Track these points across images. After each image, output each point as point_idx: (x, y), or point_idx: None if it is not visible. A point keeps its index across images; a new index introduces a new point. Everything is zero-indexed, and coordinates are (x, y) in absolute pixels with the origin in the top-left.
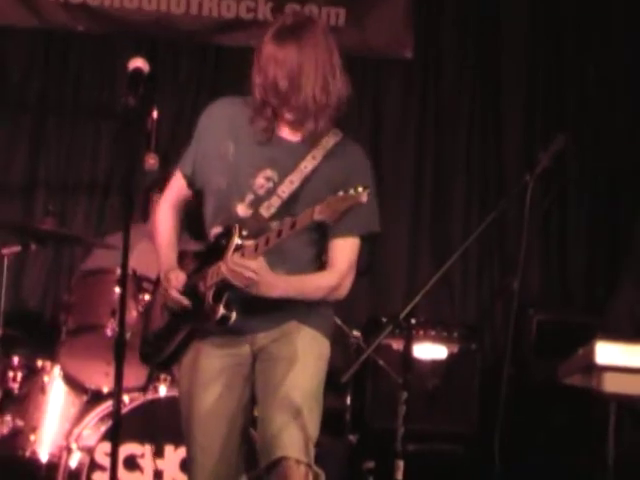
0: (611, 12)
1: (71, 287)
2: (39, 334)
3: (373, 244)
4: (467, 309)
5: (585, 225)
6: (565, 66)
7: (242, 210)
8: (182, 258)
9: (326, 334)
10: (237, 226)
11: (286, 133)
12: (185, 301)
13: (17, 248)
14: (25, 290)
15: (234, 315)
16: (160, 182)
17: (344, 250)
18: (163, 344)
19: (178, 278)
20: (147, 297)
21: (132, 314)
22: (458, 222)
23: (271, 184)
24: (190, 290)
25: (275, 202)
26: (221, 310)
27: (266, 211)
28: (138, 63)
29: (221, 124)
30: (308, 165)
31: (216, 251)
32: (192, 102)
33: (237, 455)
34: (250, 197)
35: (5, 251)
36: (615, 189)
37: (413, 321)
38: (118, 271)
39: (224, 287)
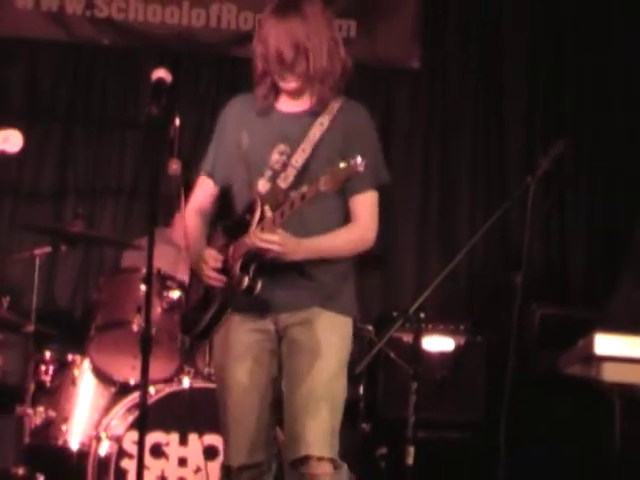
0: (611, 15)
1: (99, 286)
2: (69, 330)
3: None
4: (473, 304)
5: (585, 224)
6: (565, 71)
7: (262, 186)
8: (210, 234)
9: (348, 313)
10: (259, 200)
11: (289, 106)
12: (223, 277)
13: (48, 249)
14: (56, 289)
15: (259, 285)
16: (182, 187)
17: (364, 204)
18: (199, 317)
19: (215, 257)
20: (171, 294)
21: (157, 310)
22: (464, 222)
23: (285, 157)
24: (222, 268)
25: (290, 172)
26: (246, 280)
27: (283, 182)
28: (161, 74)
29: (234, 119)
30: (317, 132)
31: (242, 226)
32: (211, 110)
33: (268, 427)
34: (269, 173)
35: (37, 252)
36: (614, 189)
37: (422, 315)
38: (143, 270)
39: (250, 259)
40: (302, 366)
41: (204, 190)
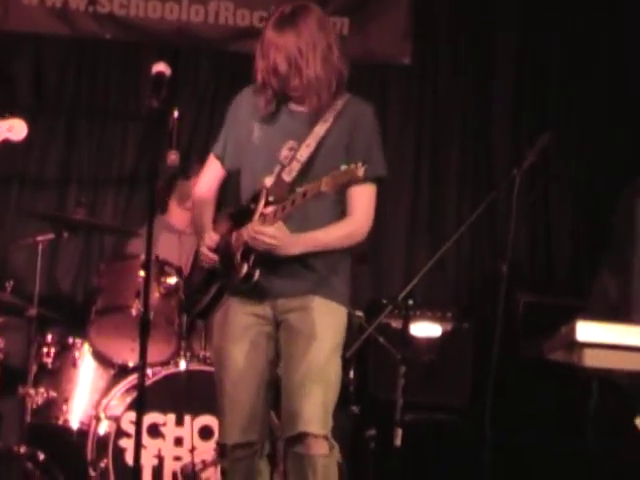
0: (597, 14)
1: (100, 271)
2: (71, 314)
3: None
4: (460, 291)
5: (568, 214)
6: (552, 67)
7: (269, 180)
8: (216, 219)
9: (342, 302)
10: (264, 191)
11: (296, 105)
12: (215, 257)
13: (51, 236)
14: (58, 274)
15: (257, 273)
16: (176, 176)
17: (361, 196)
18: (200, 297)
19: (212, 237)
20: (169, 280)
21: (155, 295)
22: (452, 213)
23: (293, 152)
24: (223, 249)
25: (295, 166)
26: (245, 268)
27: (287, 176)
28: (160, 68)
29: (245, 109)
30: (321, 128)
31: (246, 214)
32: (210, 104)
33: (263, 407)
34: (277, 168)
35: (40, 238)
36: (596, 181)
37: (410, 302)
38: (142, 256)
39: (250, 248)
40: (298, 349)
41: (213, 171)
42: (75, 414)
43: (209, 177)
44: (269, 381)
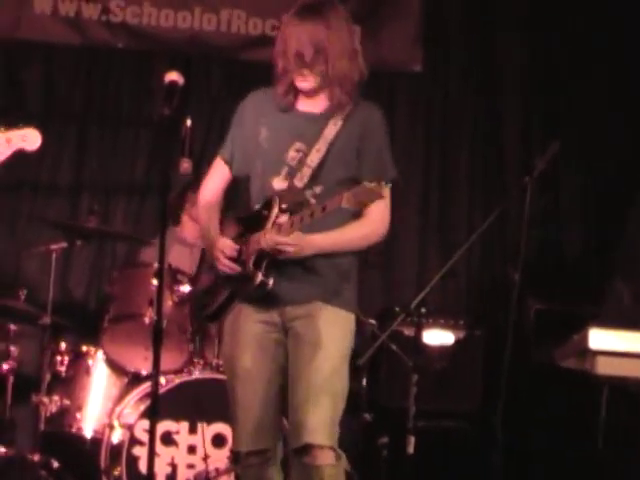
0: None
1: (112, 279)
2: (84, 322)
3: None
4: (471, 299)
5: (579, 221)
6: (561, 74)
7: (277, 183)
8: (221, 223)
9: (350, 309)
10: (277, 198)
11: (306, 105)
12: (237, 267)
13: (64, 244)
14: (71, 282)
15: (271, 281)
16: (192, 185)
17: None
18: (210, 300)
19: (231, 246)
20: (182, 288)
21: (168, 304)
22: (463, 221)
23: (301, 154)
24: (235, 258)
25: (306, 172)
26: (260, 276)
27: (299, 182)
28: (173, 77)
29: (252, 112)
30: (331, 132)
31: (258, 220)
32: (222, 112)
33: (275, 414)
34: (285, 170)
35: (53, 247)
36: (606, 187)
37: (423, 310)
38: (155, 264)
39: (263, 255)
40: (304, 358)
41: (219, 175)
42: (89, 422)
43: (215, 181)
44: (280, 387)
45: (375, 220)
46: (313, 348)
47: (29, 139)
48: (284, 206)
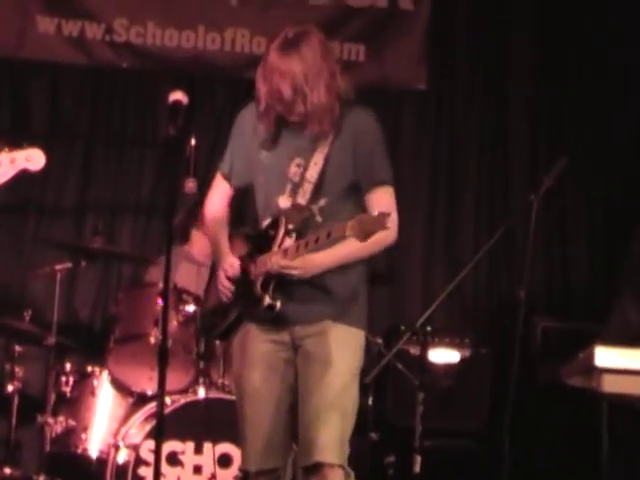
0: (609, 46)
1: (118, 300)
2: (89, 342)
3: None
4: (478, 317)
5: (585, 239)
6: (568, 92)
7: (283, 201)
8: (231, 238)
9: (360, 325)
10: (283, 219)
11: (299, 127)
12: (231, 287)
13: (69, 264)
14: (76, 302)
15: (279, 304)
16: (197, 205)
17: (381, 200)
18: (219, 319)
19: (233, 266)
20: (187, 308)
21: (173, 324)
22: (469, 238)
23: (302, 169)
24: (242, 275)
25: (307, 188)
26: (267, 300)
27: (302, 199)
28: (177, 96)
29: (250, 126)
30: (325, 144)
31: (266, 239)
32: (227, 131)
33: (285, 433)
34: (288, 187)
35: (58, 267)
36: (612, 205)
37: (429, 329)
38: (160, 284)
39: (270, 277)
40: (314, 376)
41: (221, 191)
42: (94, 443)
43: (218, 196)
44: (289, 406)
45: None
46: (323, 366)
47: (33, 159)
48: (291, 226)
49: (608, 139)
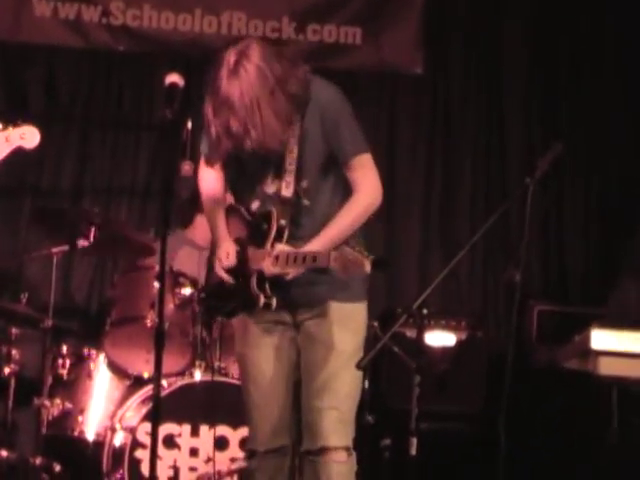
0: (604, 42)
1: (114, 283)
2: (86, 325)
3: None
4: (474, 300)
5: (581, 223)
6: (562, 75)
7: (268, 187)
8: (230, 212)
9: (361, 299)
10: (275, 214)
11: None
12: (230, 279)
13: (65, 247)
14: (73, 285)
15: (275, 301)
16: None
17: (360, 168)
18: (222, 301)
19: (229, 256)
20: (183, 291)
21: (169, 306)
22: (465, 221)
23: (279, 158)
24: (238, 265)
25: (289, 178)
26: (262, 300)
27: (286, 190)
28: (174, 79)
29: None
30: (295, 128)
31: (259, 232)
32: None
33: (291, 410)
34: (271, 172)
35: (54, 250)
36: (609, 188)
37: (425, 311)
38: (157, 267)
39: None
40: (317, 359)
41: (211, 174)
42: (90, 425)
43: (210, 174)
44: (294, 384)
45: (367, 192)
46: (325, 349)
47: (28, 137)
48: (283, 222)
49: (604, 125)
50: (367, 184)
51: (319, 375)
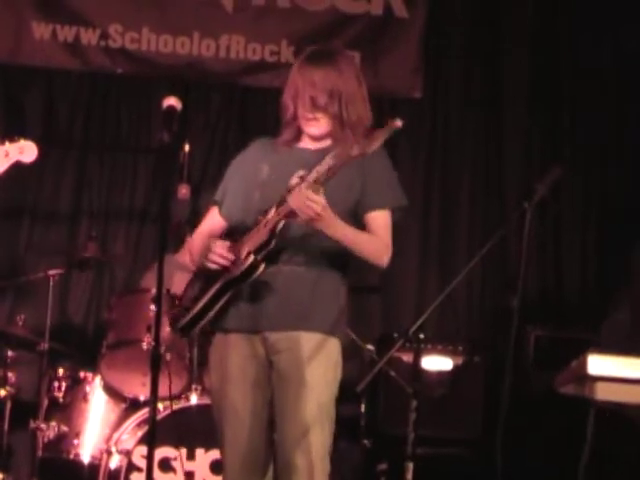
0: (602, 60)
1: (111, 305)
2: (82, 348)
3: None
4: (471, 325)
5: (579, 248)
6: (563, 100)
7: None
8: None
9: (333, 332)
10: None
11: (308, 144)
12: (230, 257)
13: (62, 270)
14: (69, 308)
15: (262, 267)
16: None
17: (380, 222)
18: (185, 312)
19: (222, 244)
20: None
21: (166, 330)
22: (462, 246)
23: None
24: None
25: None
26: (251, 258)
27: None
28: (171, 102)
29: (254, 155)
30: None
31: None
32: (221, 137)
33: (265, 448)
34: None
35: (51, 273)
36: (606, 213)
37: (421, 336)
38: (153, 290)
39: (261, 247)
40: (289, 397)
41: (213, 221)
42: (86, 448)
43: (209, 225)
44: (268, 422)
45: (385, 242)
46: (297, 386)
47: (26, 151)
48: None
49: (603, 145)
50: (388, 240)
51: (293, 414)
